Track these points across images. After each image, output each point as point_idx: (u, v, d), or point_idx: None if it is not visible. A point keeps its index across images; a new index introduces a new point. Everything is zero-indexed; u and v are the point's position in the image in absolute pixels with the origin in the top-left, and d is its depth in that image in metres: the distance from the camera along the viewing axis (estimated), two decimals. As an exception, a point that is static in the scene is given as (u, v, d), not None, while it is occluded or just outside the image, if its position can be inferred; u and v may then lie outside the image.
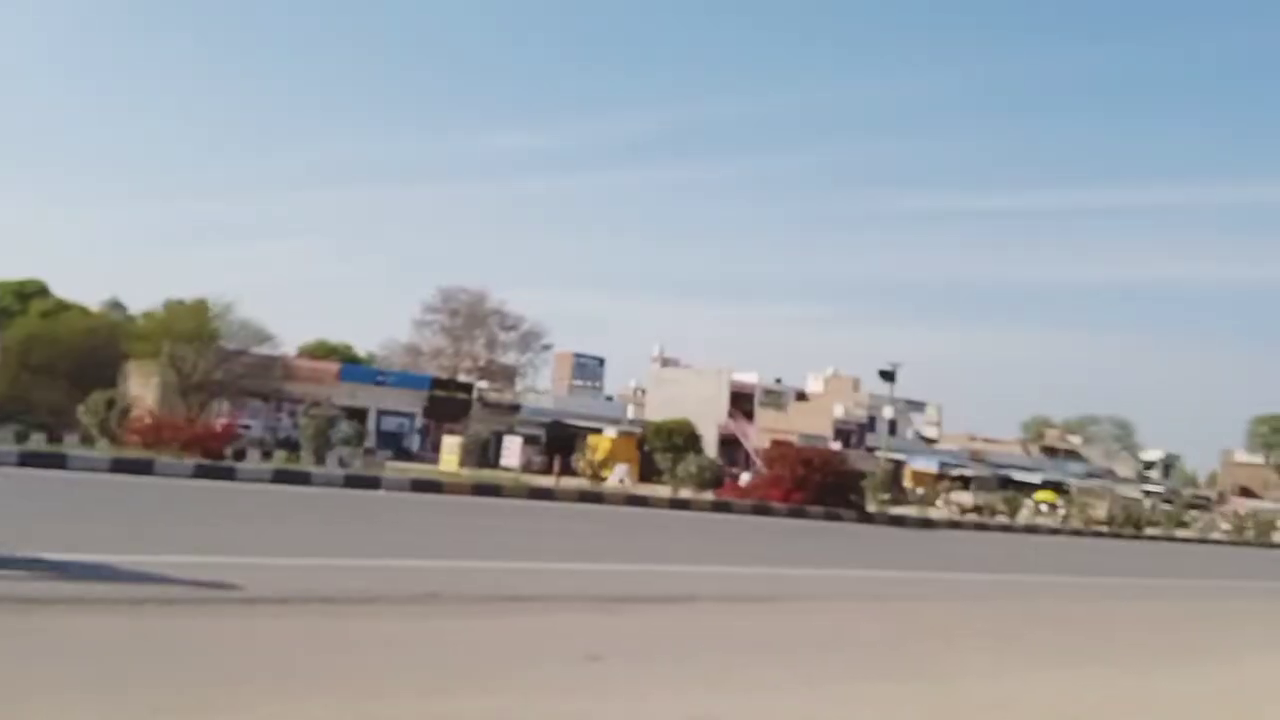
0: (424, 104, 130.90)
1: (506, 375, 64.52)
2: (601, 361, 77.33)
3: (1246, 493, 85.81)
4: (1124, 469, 78.15)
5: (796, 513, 25.41)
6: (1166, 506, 53.07)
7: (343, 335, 72.39)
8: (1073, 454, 79.03)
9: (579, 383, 74.33)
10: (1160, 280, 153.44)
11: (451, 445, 35.65)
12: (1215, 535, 42.17)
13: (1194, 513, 53.23)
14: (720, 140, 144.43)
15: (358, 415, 38.26)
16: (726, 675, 5.66)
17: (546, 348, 68.33)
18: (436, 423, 50.01)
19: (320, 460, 23.70)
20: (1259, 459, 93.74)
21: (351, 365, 56.47)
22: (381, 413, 49.14)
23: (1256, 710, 6.26)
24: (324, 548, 9.93)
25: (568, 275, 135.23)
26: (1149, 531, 38.62)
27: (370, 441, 35.40)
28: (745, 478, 34.29)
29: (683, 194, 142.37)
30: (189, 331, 43.54)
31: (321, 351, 62.87)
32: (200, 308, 45.83)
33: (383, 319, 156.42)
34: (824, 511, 25.90)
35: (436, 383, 53.78)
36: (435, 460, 37.35)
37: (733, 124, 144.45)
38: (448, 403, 51.39)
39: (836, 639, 7.55)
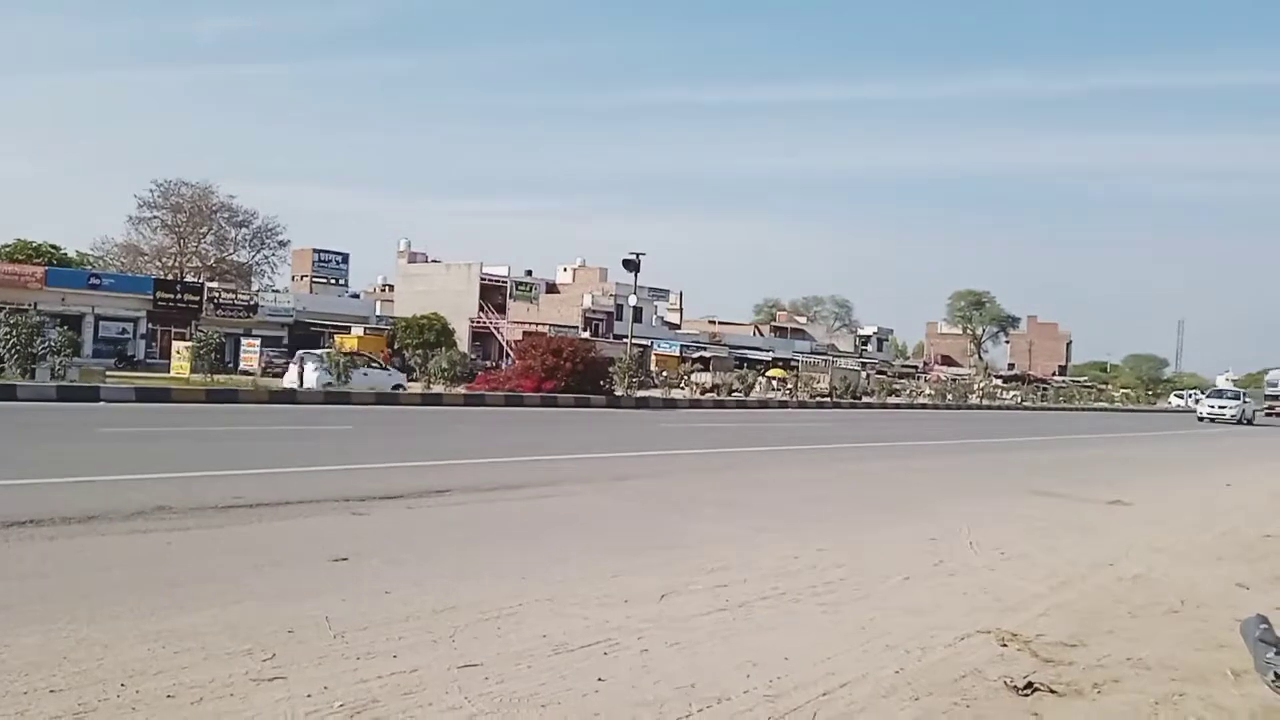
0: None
1: (240, 274, 60.56)
2: (345, 258, 74.08)
3: (948, 361, 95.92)
4: (844, 344, 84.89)
5: (549, 401, 25.94)
6: (881, 377, 58.51)
7: (47, 235, 64.95)
8: (800, 333, 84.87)
9: (321, 280, 71.02)
10: (874, 168, 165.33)
11: (181, 351, 33.31)
12: (920, 400, 47.07)
13: (904, 382, 59.03)
14: (450, 30, 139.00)
15: (71, 322, 34.89)
16: (474, 564, 5.83)
17: (283, 244, 64.51)
18: (163, 328, 46.46)
19: (28, 373, 21.53)
20: (957, 330, 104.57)
21: (59, 268, 50.89)
22: (100, 318, 44.96)
23: (948, 550, 7.20)
24: (34, 466, 9.14)
25: (302, 169, 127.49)
26: (865, 400, 42.51)
27: (87, 349, 32.43)
28: None
29: (414, 85, 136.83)
30: None
31: (22, 253, 56.13)
32: None
33: (92, 217, 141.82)
34: (574, 399, 26.59)
35: (160, 284, 49.65)
36: (165, 368, 34.81)
37: (463, 13, 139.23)
38: (175, 306, 47.71)
39: (582, 519, 7.92)
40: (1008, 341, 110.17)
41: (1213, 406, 47.18)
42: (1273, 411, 67.94)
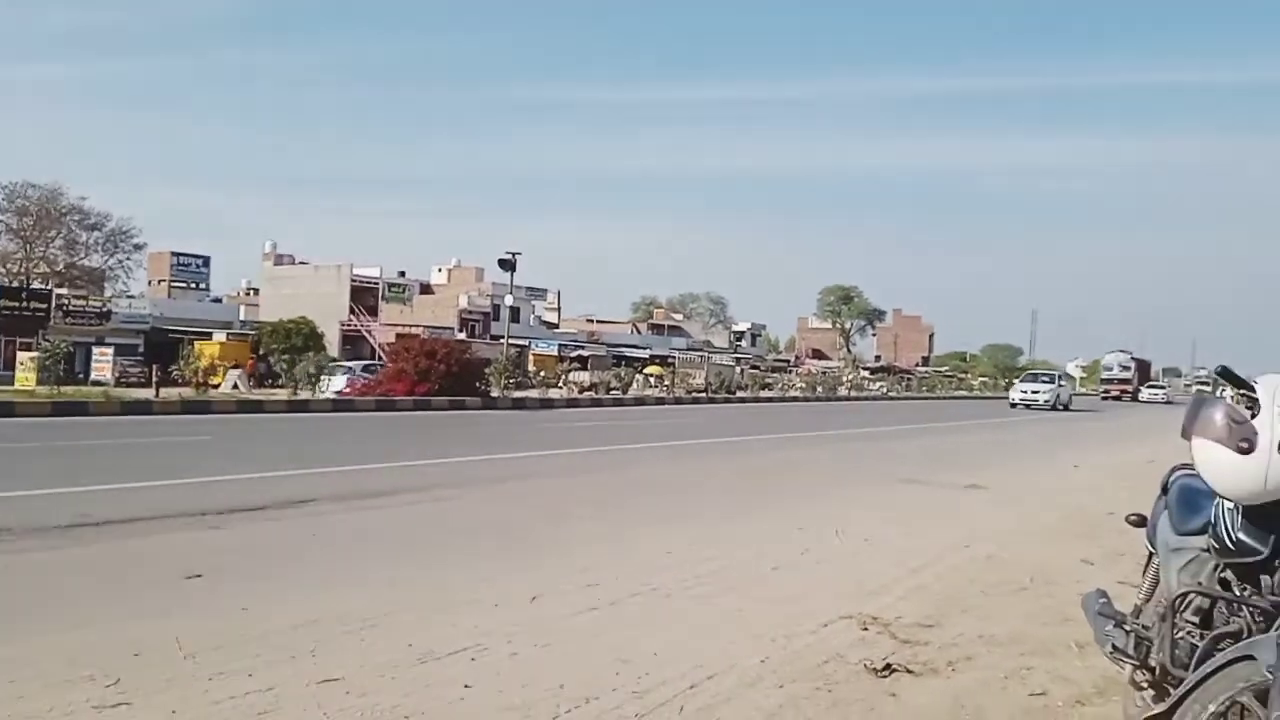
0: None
1: (93, 280, 57.29)
2: (205, 260, 71.09)
3: (818, 354, 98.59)
4: (720, 340, 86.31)
5: (422, 405, 25.46)
6: (754, 371, 59.68)
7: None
8: (676, 329, 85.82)
9: (181, 285, 67.97)
10: (746, 166, 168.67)
11: (26, 362, 31.35)
12: (792, 393, 48.21)
13: (776, 375, 60.38)
14: (311, 23, 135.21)
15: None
16: (338, 576, 5.67)
17: (139, 248, 61.30)
18: (8, 338, 43.60)
19: None
20: (827, 324, 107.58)
21: (-117, 274, 47.19)
22: (-69, 328, 41.91)
23: (815, 539, 7.38)
24: None
25: (157, 169, 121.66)
26: (740, 394, 43.29)
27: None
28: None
29: (275, 80, 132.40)
30: None
31: None
32: None
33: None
34: (449, 401, 26.18)
35: (4, 292, 46.60)
36: (10, 380, 32.69)
37: (322, 6, 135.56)
38: (20, 314, 44.84)
39: (453, 524, 7.80)
40: (875, 334, 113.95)
41: (1025, 392, 42.73)
42: (1108, 395, 71.58)
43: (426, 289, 68.57)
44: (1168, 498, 3.41)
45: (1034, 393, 41.98)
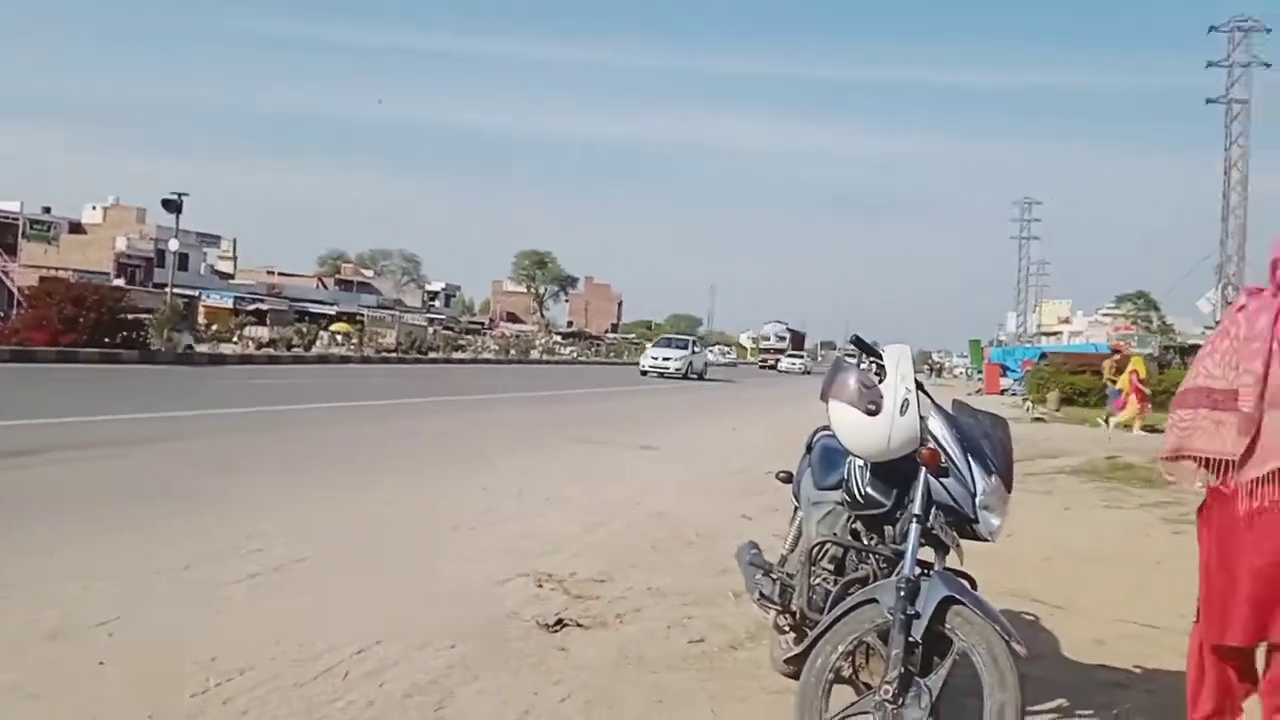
0: None
1: None
2: None
3: (512, 318, 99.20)
4: (412, 299, 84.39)
5: (67, 357, 22.78)
6: (448, 333, 58.99)
7: None
8: (366, 286, 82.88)
9: None
10: (444, 124, 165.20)
11: None
12: (486, 355, 48.19)
13: (470, 337, 60.06)
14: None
15: None
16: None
17: None
18: None
19: None
20: (522, 289, 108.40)
21: None
22: None
23: (498, 498, 7.40)
24: None
25: None
26: (431, 355, 42.63)
27: None
28: None
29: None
30: None
31: None
32: None
33: None
34: (100, 354, 23.63)
35: None
36: None
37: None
38: None
39: (104, 487, 7.01)
40: (567, 300, 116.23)
41: (656, 359, 39.05)
42: (765, 364, 75.54)
43: (77, 228, 61.43)
44: (811, 456, 3.73)
45: (665, 359, 38.75)
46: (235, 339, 37.98)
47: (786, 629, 3.54)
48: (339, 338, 45.52)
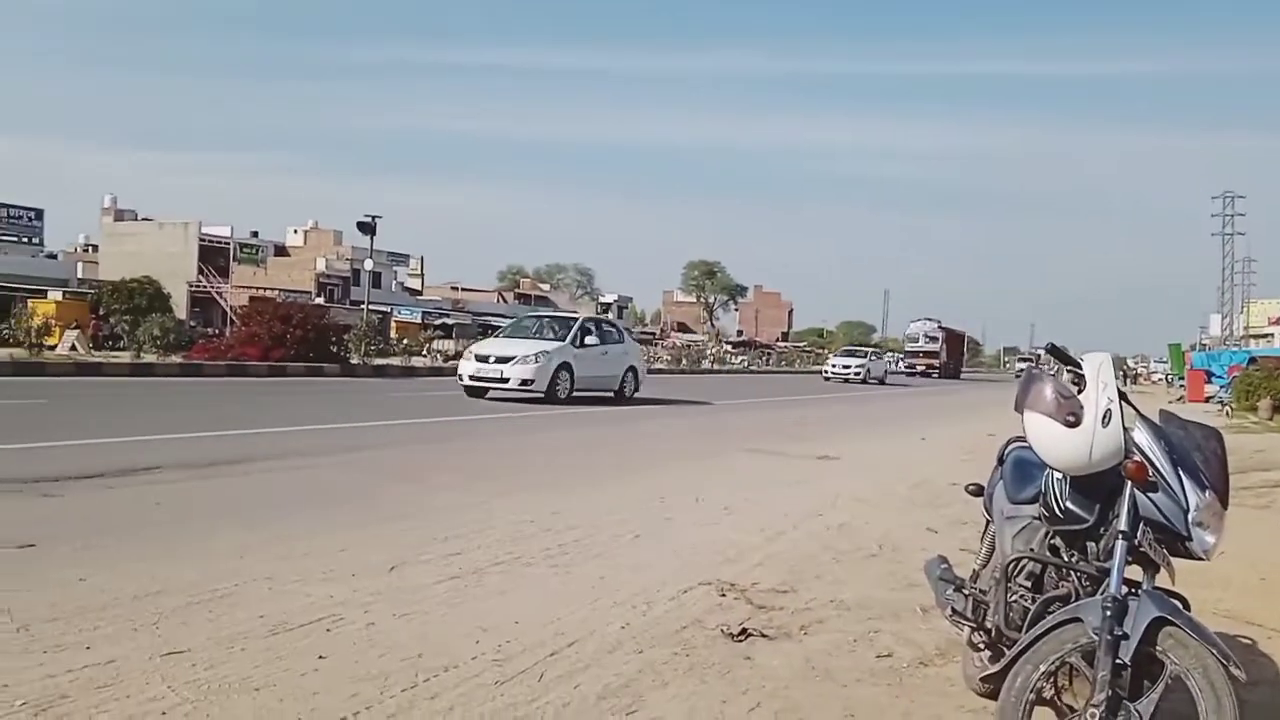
0: None
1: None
2: (39, 214, 66.35)
3: (683, 328, 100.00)
4: (586, 311, 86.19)
5: (277, 370, 24.61)
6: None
7: None
8: (543, 299, 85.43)
9: (11, 239, 63.29)
10: (615, 140, 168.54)
11: None
12: (658, 365, 48.75)
13: (643, 347, 60.86)
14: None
15: None
16: (186, 546, 5.43)
17: (-39, 198, 56.82)
18: None
19: None
20: (691, 298, 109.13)
21: None
22: None
23: (676, 507, 7.51)
24: None
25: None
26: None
27: None
28: None
29: (115, 28, 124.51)
30: None
31: None
32: None
33: None
34: (305, 368, 25.37)
35: None
36: None
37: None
38: None
39: (309, 493, 7.58)
40: (737, 310, 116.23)
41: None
42: (913, 370, 62.24)
43: (282, 251, 66.13)
44: (1003, 469, 3.62)
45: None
46: (424, 352, 39.91)
47: (981, 646, 3.44)
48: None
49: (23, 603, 4.09)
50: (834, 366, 44.43)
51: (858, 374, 42.86)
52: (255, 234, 64.22)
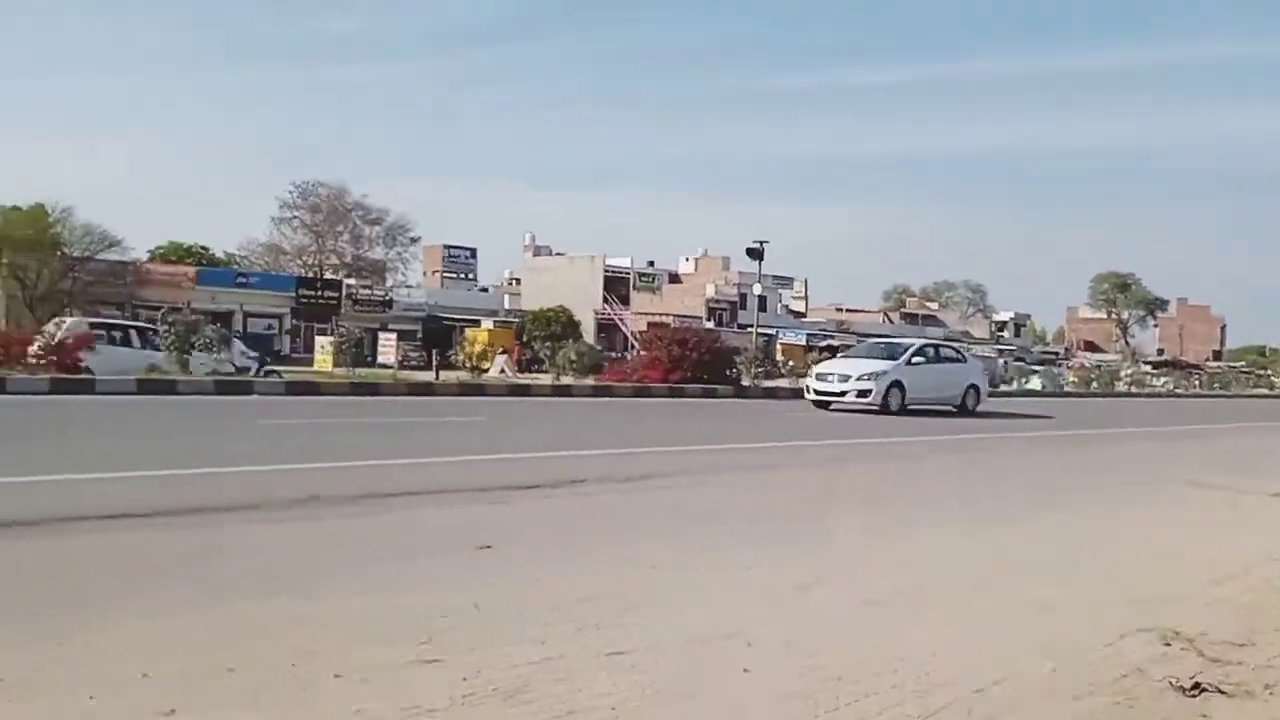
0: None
1: (375, 271, 63.00)
2: (473, 252, 76.15)
3: (1091, 346, 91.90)
4: (979, 330, 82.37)
5: (675, 392, 26.04)
6: (1019, 364, 56.47)
7: (196, 236, 69.06)
8: (931, 319, 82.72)
9: (451, 275, 73.18)
10: (1005, 148, 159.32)
11: (324, 345, 34.90)
12: (1065, 388, 45.23)
13: (1044, 368, 56.83)
14: (568, 18, 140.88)
15: (221, 319, 36.91)
16: (612, 554, 5.90)
17: (414, 240, 66.77)
18: (306, 323, 48.68)
19: (185, 368, 22.86)
20: (1101, 314, 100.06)
21: (209, 268, 53.90)
22: (248, 315, 47.56)
23: (1104, 543, 6.92)
24: (202, 457, 9.68)
25: (427, 168, 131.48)
26: (1003, 388, 41.14)
27: (238, 346, 34.20)
28: None
29: (535, 78, 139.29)
30: (28, 240, 40.82)
31: (175, 254, 59.80)
32: (39, 213, 42.97)
33: (237, 218, 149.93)
34: (701, 389, 26.60)
35: (302, 282, 52.14)
36: (308, 362, 36.50)
37: (583, 3, 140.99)
38: (316, 302, 49.98)
39: (717, 510, 7.92)
40: (1156, 326, 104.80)
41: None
42: None
43: (675, 278, 70.02)
44: None
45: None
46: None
47: None
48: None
49: (487, 597, 4.66)
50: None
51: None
52: (651, 263, 68.70)
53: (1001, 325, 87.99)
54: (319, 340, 37.46)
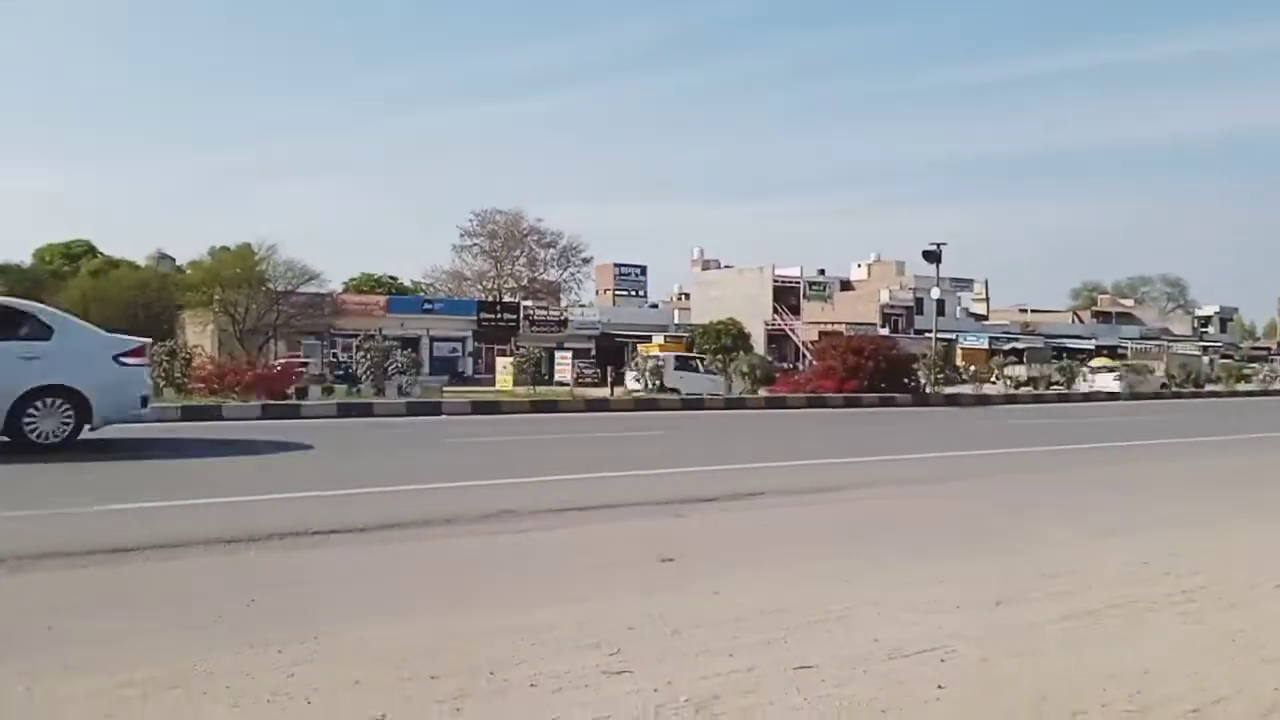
0: (429, 35, 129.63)
1: (550, 292, 64.96)
2: (643, 270, 77.15)
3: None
4: (1180, 327, 76.84)
5: (851, 402, 25.57)
6: (1227, 361, 52.32)
7: (386, 267, 73.29)
8: (1126, 317, 77.78)
9: (622, 293, 74.45)
10: (1203, 133, 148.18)
11: (505, 365, 36.18)
12: (1278, 386, 41.60)
13: (1256, 365, 52.40)
14: (731, 37, 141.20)
15: (410, 344, 38.89)
16: (794, 566, 5.86)
17: (586, 261, 68.49)
18: (487, 345, 50.65)
19: (380, 391, 24.22)
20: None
21: (398, 296, 56.95)
22: (433, 339, 49.86)
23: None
24: (399, 475, 10.23)
25: (598, 188, 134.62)
26: (1209, 388, 38.22)
27: (425, 368, 35.93)
28: None
29: (699, 95, 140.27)
30: (237, 277, 44.26)
31: (367, 285, 63.58)
32: (246, 252, 46.52)
33: (422, 248, 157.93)
34: (878, 398, 26.00)
35: (483, 305, 54.28)
36: (489, 382, 37.94)
37: (742, 21, 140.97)
38: (496, 324, 51.93)
39: (902, 521, 7.73)
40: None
41: None
42: None
43: (846, 285, 68.72)
44: None
45: None
46: (994, 379, 38.64)
47: None
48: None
49: (672, 610, 4.71)
50: None
51: None
52: (822, 271, 67.74)
53: (1205, 320, 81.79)
54: (499, 361, 38.87)
